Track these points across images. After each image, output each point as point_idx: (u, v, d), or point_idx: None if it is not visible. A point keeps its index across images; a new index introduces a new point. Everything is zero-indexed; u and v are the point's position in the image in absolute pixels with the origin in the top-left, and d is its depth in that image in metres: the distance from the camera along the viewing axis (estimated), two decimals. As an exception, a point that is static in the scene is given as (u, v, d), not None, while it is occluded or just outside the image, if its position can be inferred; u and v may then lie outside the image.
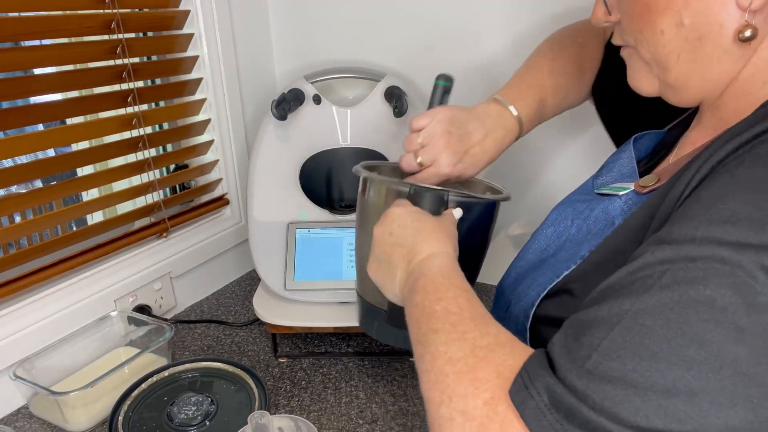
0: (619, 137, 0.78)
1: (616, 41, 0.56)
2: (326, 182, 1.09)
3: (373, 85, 1.06)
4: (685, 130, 0.58)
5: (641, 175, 0.58)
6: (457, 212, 0.65)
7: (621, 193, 0.53)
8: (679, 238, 0.38)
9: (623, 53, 0.56)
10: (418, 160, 0.69)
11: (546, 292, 0.51)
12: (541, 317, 0.52)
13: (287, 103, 1.01)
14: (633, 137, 0.64)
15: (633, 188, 0.52)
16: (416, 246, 0.56)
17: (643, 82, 0.54)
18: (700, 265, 0.36)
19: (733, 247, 0.36)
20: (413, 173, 0.71)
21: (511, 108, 0.73)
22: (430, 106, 0.73)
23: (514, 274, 0.61)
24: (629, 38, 0.53)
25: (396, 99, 1.01)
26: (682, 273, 0.36)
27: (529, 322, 0.52)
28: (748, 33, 0.45)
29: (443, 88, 0.71)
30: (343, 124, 1.07)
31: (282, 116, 1.01)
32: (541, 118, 0.77)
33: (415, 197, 0.63)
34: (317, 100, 1.05)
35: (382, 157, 1.07)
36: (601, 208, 0.53)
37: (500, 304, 0.59)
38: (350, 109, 1.07)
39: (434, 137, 0.69)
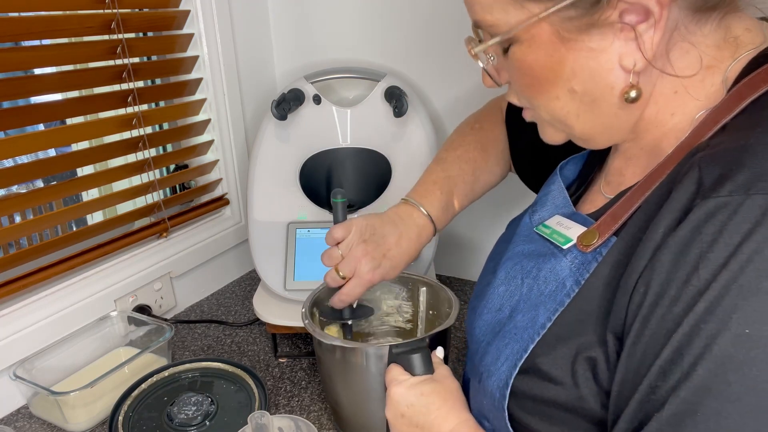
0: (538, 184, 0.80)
1: (511, 100, 0.56)
2: (326, 182, 1.09)
3: (373, 85, 1.06)
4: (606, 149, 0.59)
5: (574, 202, 0.60)
6: (440, 351, 0.68)
7: (564, 246, 0.53)
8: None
9: (525, 116, 0.56)
10: (341, 273, 0.72)
11: (518, 370, 0.52)
12: (514, 392, 0.52)
13: (287, 103, 1.01)
14: (558, 166, 0.65)
15: (575, 241, 0.52)
16: (433, 426, 0.58)
17: (552, 136, 0.55)
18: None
19: None
20: (339, 287, 0.74)
21: (419, 206, 0.75)
22: (336, 223, 0.75)
23: (476, 335, 0.61)
24: (524, 101, 0.54)
25: (396, 99, 1.01)
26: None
27: (506, 402, 0.53)
28: (633, 94, 0.46)
29: (342, 204, 0.74)
30: (343, 124, 1.07)
31: (282, 116, 1.01)
32: (459, 205, 0.79)
33: (400, 360, 0.64)
34: (317, 100, 1.05)
35: (382, 157, 1.07)
36: (548, 267, 0.53)
37: (474, 374, 0.60)
38: (350, 109, 1.06)
39: (352, 247, 0.71)
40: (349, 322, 0.79)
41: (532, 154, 0.65)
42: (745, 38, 0.47)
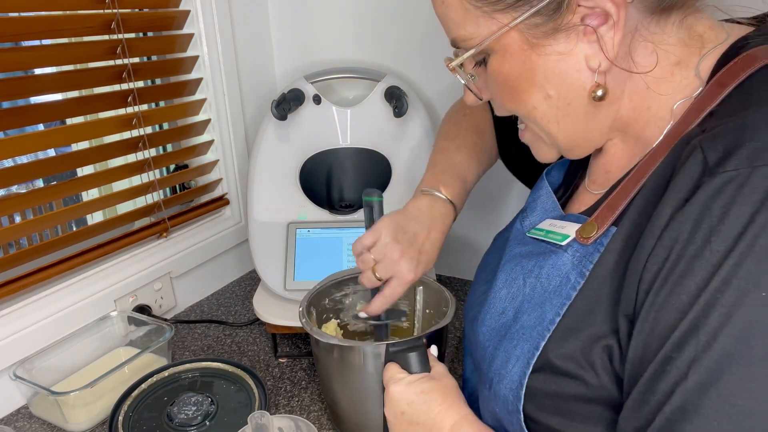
0: (529, 177, 0.81)
1: (498, 113, 0.58)
2: (326, 182, 1.09)
3: (373, 85, 1.06)
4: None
5: (562, 205, 0.61)
6: (434, 350, 0.68)
7: (563, 243, 0.53)
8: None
9: (522, 138, 0.59)
10: (377, 275, 0.73)
11: (531, 369, 0.52)
12: (530, 392, 0.52)
13: (287, 103, 1.01)
14: (544, 171, 0.67)
15: (574, 236, 0.52)
16: (435, 423, 0.59)
17: (545, 154, 0.58)
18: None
19: None
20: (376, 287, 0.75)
21: (438, 193, 0.77)
22: (372, 221, 0.74)
23: (481, 342, 0.61)
24: (507, 114, 0.57)
25: (396, 99, 1.01)
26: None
27: (521, 404, 0.53)
28: (599, 93, 0.48)
29: (379, 203, 0.74)
30: (343, 124, 1.07)
31: (282, 116, 1.01)
32: (468, 189, 0.81)
33: (397, 358, 0.65)
34: (317, 100, 1.05)
35: (382, 158, 1.07)
36: (550, 264, 0.54)
37: (483, 381, 0.60)
38: (350, 109, 1.07)
39: (387, 250, 0.72)
40: (388, 323, 0.79)
41: (520, 151, 0.66)
42: (709, 36, 0.49)
